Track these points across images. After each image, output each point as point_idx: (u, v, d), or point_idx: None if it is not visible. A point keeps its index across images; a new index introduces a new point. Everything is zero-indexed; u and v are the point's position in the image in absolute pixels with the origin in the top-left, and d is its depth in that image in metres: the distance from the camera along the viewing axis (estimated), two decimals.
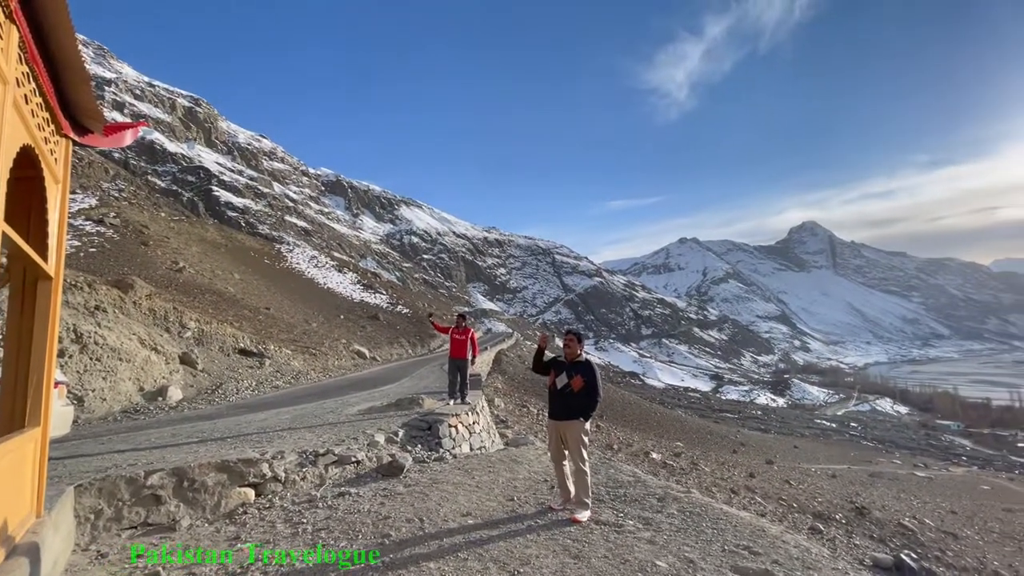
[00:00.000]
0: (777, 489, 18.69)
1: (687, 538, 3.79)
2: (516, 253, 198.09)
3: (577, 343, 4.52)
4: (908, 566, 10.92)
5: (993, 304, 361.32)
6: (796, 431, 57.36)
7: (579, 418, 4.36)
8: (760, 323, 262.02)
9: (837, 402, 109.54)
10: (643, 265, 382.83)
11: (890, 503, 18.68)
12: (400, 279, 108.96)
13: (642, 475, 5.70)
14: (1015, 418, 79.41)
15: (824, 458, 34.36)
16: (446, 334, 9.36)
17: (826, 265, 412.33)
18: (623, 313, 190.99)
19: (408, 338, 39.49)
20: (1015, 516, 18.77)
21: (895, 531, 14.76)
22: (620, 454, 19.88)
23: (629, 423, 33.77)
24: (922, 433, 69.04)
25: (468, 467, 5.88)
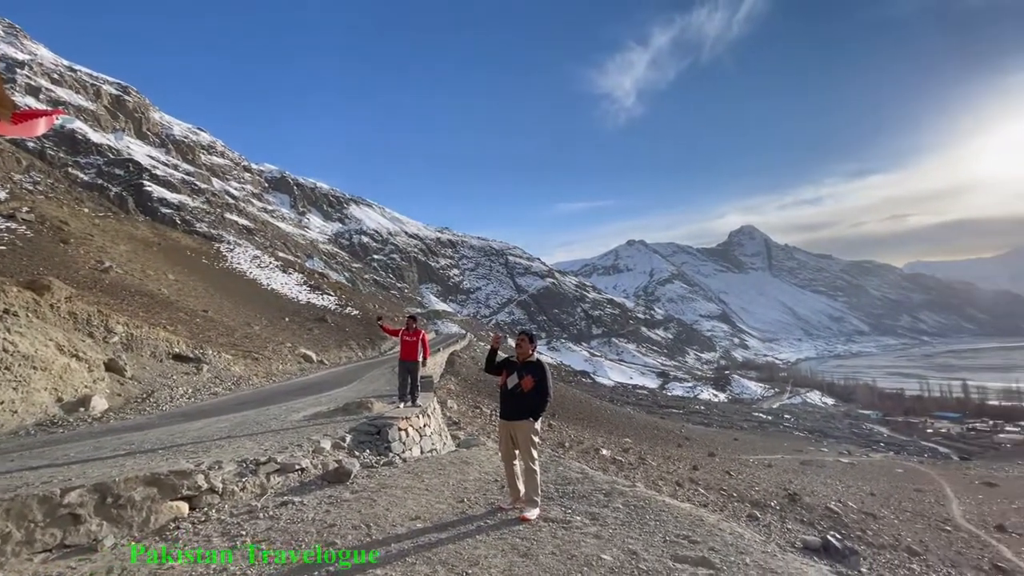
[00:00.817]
0: (718, 480, 19.63)
1: (631, 531, 3.93)
2: (469, 254, 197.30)
3: (528, 343, 4.56)
4: (833, 546, 11.76)
5: (905, 303, 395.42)
6: (736, 424, 60.44)
7: (529, 418, 4.39)
8: (703, 322, 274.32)
9: (772, 396, 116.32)
10: (594, 266, 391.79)
11: (818, 489, 20.05)
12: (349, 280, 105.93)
13: (590, 472, 5.85)
14: (924, 406, 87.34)
15: (761, 449, 36.38)
16: (396, 336, 9.22)
17: (762, 267, 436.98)
18: (575, 313, 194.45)
19: (358, 341, 38.46)
20: (924, 496, 20.63)
21: (823, 514, 15.85)
22: (571, 452, 20.24)
23: (580, 421, 34.43)
24: (846, 422, 74.50)
25: (418, 470, 5.82)
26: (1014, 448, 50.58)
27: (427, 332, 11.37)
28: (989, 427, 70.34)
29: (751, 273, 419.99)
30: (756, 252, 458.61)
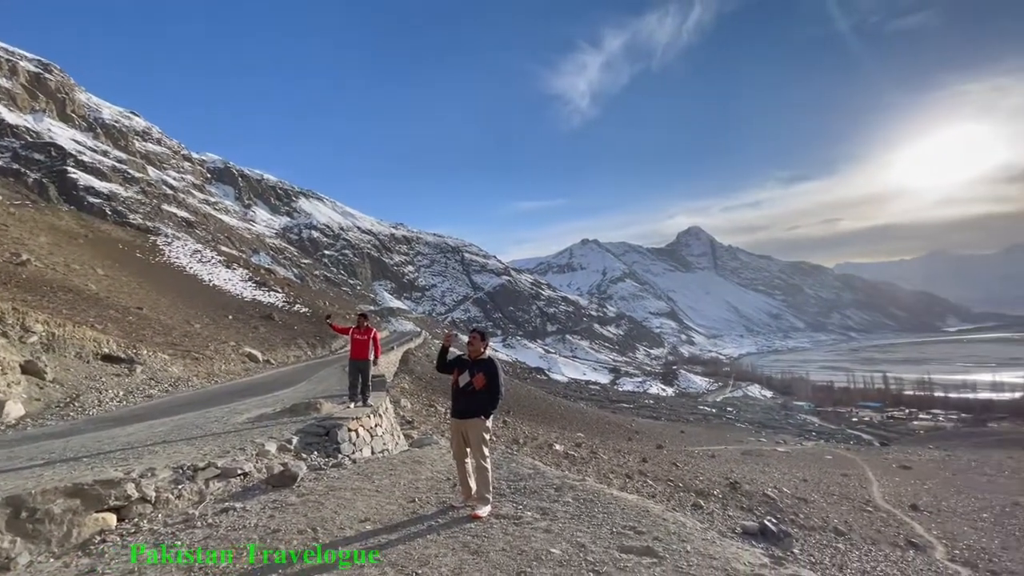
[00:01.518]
0: (666, 471, 20.39)
1: (580, 524, 4.03)
2: (424, 251, 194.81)
3: (481, 341, 4.54)
4: (770, 530, 12.50)
5: (835, 301, 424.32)
6: (683, 417, 62.92)
7: (480, 416, 4.38)
8: (652, 319, 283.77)
9: (716, 389, 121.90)
10: (548, 264, 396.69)
11: (757, 477, 21.20)
12: (298, 276, 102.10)
13: (542, 467, 5.94)
14: (850, 397, 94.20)
15: (706, 440, 38.05)
16: (347, 335, 9.00)
17: (708, 266, 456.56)
18: (530, 311, 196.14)
19: (307, 339, 37.17)
20: (849, 480, 22.26)
21: (761, 500, 16.79)
22: (525, 448, 20.45)
23: (535, 417, 34.81)
24: (783, 414, 79.19)
25: (368, 471, 5.71)
26: (926, 434, 55.45)
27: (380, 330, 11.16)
28: (905, 415, 76.78)
29: (697, 272, 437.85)
30: (702, 252, 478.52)
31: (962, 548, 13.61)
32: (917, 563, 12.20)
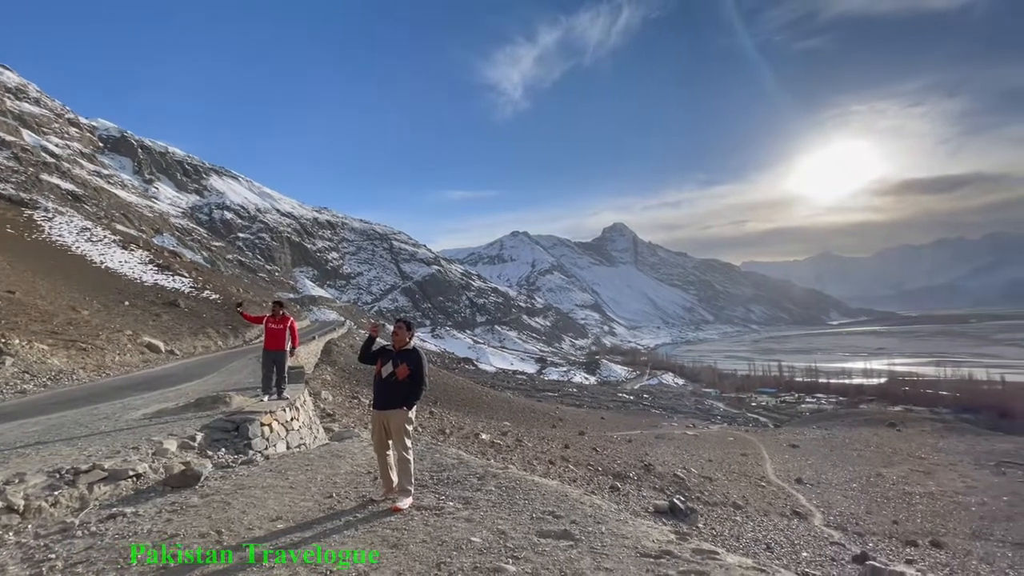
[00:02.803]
0: (587, 456, 21.27)
1: (501, 512, 4.10)
2: (350, 237, 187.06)
3: (406, 331, 4.47)
4: (678, 507, 13.47)
5: (741, 297, 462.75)
6: (604, 404, 65.83)
7: (403, 407, 4.31)
8: (578, 311, 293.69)
9: (635, 378, 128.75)
10: (479, 255, 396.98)
11: (669, 459, 22.72)
12: (208, 260, 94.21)
13: (466, 457, 5.96)
14: (750, 383, 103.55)
15: (624, 426, 40.10)
16: (260, 324, 8.46)
17: (630, 261, 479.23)
18: (460, 301, 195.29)
19: (217, 328, 34.46)
20: (747, 459, 24.50)
21: (671, 481, 18.03)
22: (452, 438, 20.42)
23: (462, 407, 34.84)
24: (693, 400, 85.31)
25: (282, 468, 5.43)
26: (811, 415, 62.25)
27: (299, 319, 10.57)
28: (795, 399, 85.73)
29: (620, 267, 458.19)
30: (625, 248, 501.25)
31: (835, 514, 15.49)
32: (800, 529, 13.71)
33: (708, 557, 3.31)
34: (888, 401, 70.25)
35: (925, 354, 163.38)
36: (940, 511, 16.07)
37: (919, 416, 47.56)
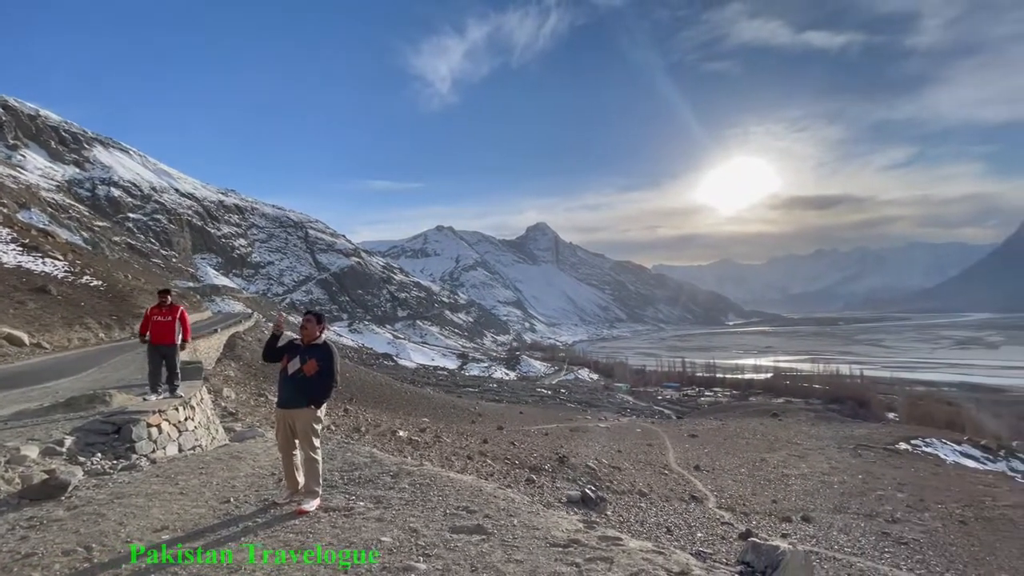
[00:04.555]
0: (504, 450, 21.58)
1: (414, 509, 4.04)
2: (261, 223, 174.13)
3: (316, 324, 4.21)
4: (589, 497, 14.09)
5: (651, 297, 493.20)
6: (522, 399, 67.15)
7: (311, 405, 4.08)
8: (500, 307, 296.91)
9: (553, 373, 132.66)
10: (402, 248, 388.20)
11: (582, 450, 23.69)
12: (90, 242, 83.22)
13: (379, 455, 5.80)
14: (657, 378, 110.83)
15: (541, 420, 41.18)
16: None
17: (552, 261, 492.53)
18: (380, 295, 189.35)
19: (100, 318, 30.58)
20: (652, 448, 26.21)
21: (584, 471, 18.81)
22: (367, 435, 19.78)
23: (379, 404, 33.88)
24: (606, 394, 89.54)
25: (172, 472, 4.95)
26: (709, 407, 67.91)
27: (200, 311, 9.64)
28: (696, 392, 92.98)
29: (542, 265, 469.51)
30: (547, 247, 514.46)
31: (726, 497, 17.03)
32: (696, 512, 14.91)
33: (612, 543, 3.49)
34: (773, 394, 78.50)
35: (803, 352, 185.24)
36: (810, 490, 18.24)
37: (796, 407, 53.74)
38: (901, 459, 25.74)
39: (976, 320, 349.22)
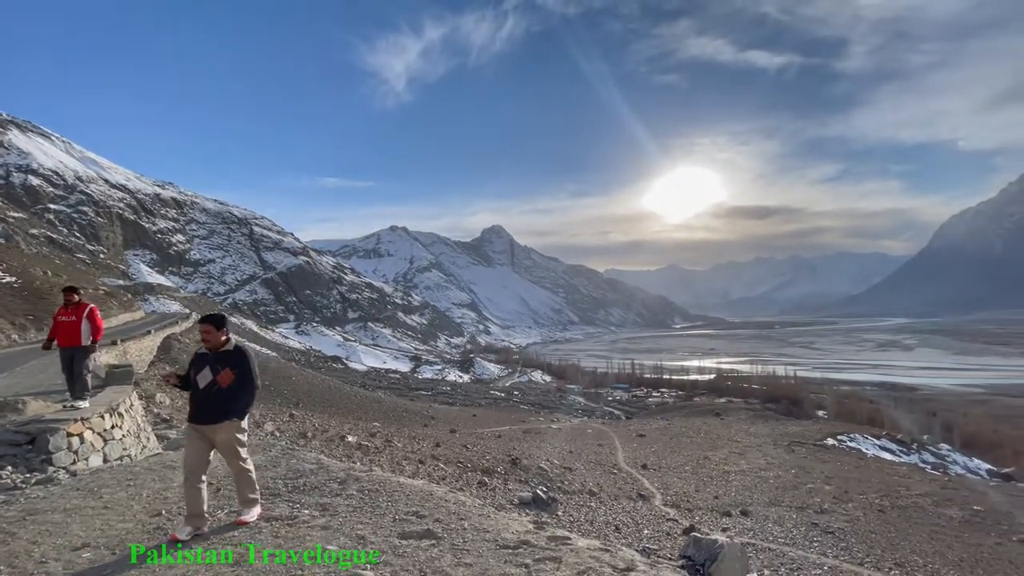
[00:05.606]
0: (457, 454, 21.41)
1: (362, 516, 3.95)
2: (202, 219, 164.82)
3: (217, 330, 3.78)
4: (540, 498, 14.22)
5: (603, 300, 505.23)
6: (476, 402, 66.95)
7: (233, 418, 3.72)
8: (455, 309, 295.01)
9: (507, 375, 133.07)
10: (354, 248, 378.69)
11: (534, 452, 23.88)
12: (3, 234, 75.88)
13: (327, 461, 5.63)
14: (608, 380, 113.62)
15: (494, 422, 41.20)
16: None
17: (507, 263, 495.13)
18: (330, 296, 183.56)
19: (13, 318, 27.89)
20: (603, 448, 26.80)
21: (536, 473, 18.97)
22: (315, 441, 19.10)
23: (327, 408, 32.82)
24: (558, 395, 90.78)
25: (95, 485, 4.60)
26: (657, 408, 70.28)
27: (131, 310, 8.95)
28: (644, 393, 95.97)
29: (497, 268, 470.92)
30: (502, 250, 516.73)
31: (672, 494, 17.66)
32: (643, 510, 15.36)
33: (561, 543, 3.55)
34: (715, 394, 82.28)
35: (744, 354, 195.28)
36: (748, 485, 19.21)
37: (737, 407, 56.57)
38: (829, 454, 27.60)
39: (894, 325, 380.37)
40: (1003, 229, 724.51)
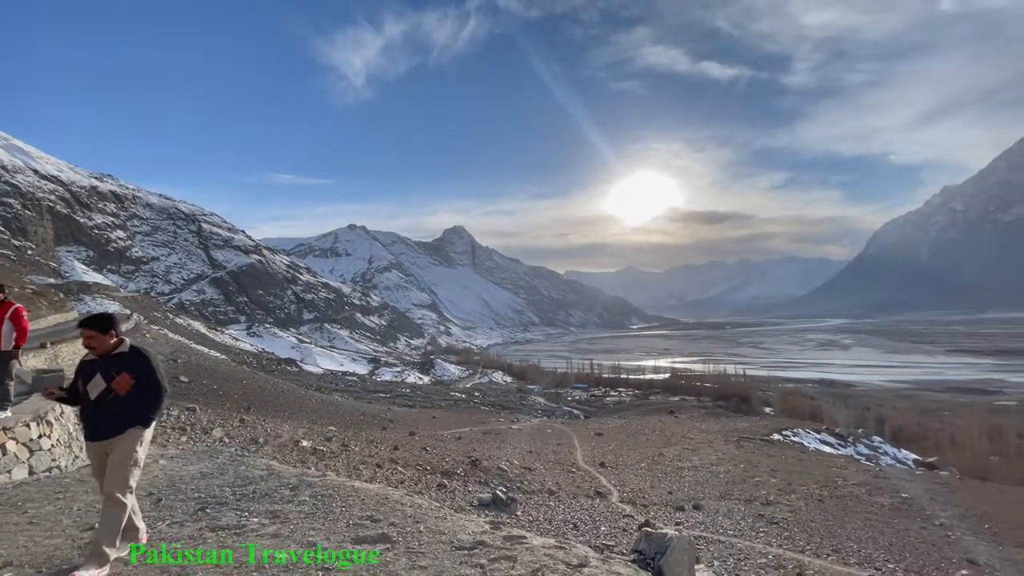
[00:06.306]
0: (416, 456, 21.12)
1: (315, 522, 3.86)
2: (145, 214, 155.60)
3: (104, 334, 3.26)
4: (500, 498, 14.23)
5: (563, 301, 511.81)
6: (436, 404, 66.28)
7: (137, 425, 3.23)
8: (415, 310, 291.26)
9: (467, 376, 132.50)
10: (310, 247, 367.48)
11: (494, 452, 23.86)
12: None
13: (278, 467, 5.46)
14: (568, 380, 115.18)
15: (454, 424, 40.89)
16: None
17: (468, 264, 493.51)
18: (284, 296, 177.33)
19: None
20: (562, 448, 27.11)
21: (496, 474, 18.96)
22: (267, 447, 18.37)
23: (281, 413, 31.63)
24: (519, 396, 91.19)
25: (20, 499, 4.28)
26: (615, 407, 71.78)
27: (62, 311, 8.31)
28: (602, 392, 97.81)
29: (458, 269, 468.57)
30: (464, 251, 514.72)
31: (628, 491, 18.09)
32: (600, 507, 15.66)
33: (517, 542, 3.59)
34: (670, 393, 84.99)
35: (697, 353, 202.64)
36: (701, 480, 19.92)
37: (691, 404, 58.62)
38: (775, 448, 28.98)
39: (834, 325, 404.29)
40: (928, 237, 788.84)
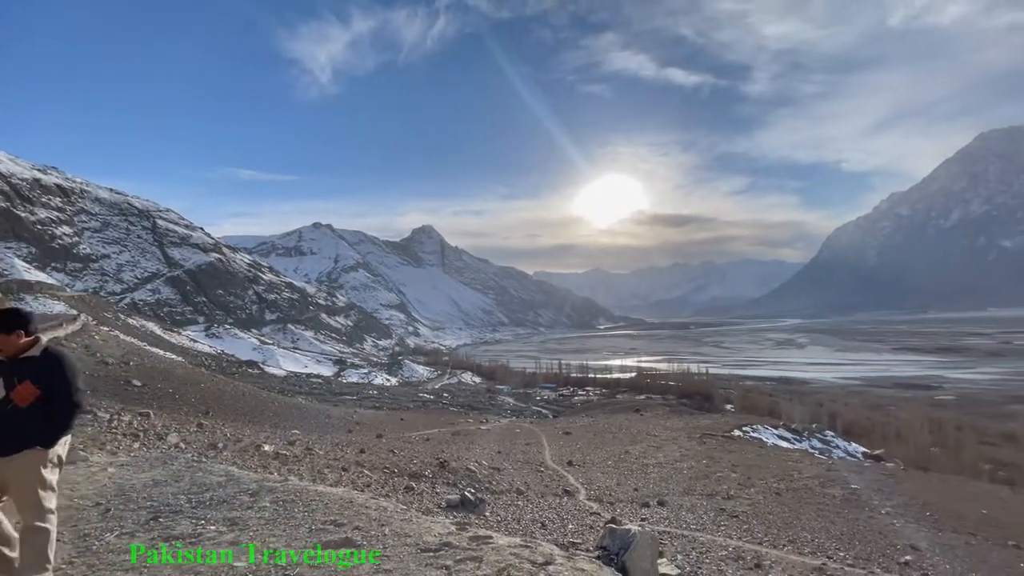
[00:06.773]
0: (383, 459, 20.79)
1: (276, 528, 3.76)
2: (94, 209, 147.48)
3: (8, 334, 2.74)
4: (468, 499, 14.18)
5: (532, 302, 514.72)
6: (404, 405, 65.42)
7: (36, 446, 2.69)
8: (383, 311, 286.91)
9: (436, 377, 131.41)
10: (273, 245, 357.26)
11: (463, 453, 23.77)
12: None
13: (236, 472, 5.29)
14: (536, 380, 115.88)
15: (422, 425, 40.49)
16: None
17: (437, 264, 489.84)
18: (245, 296, 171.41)
19: None
20: (531, 447, 27.25)
21: (465, 475, 18.89)
22: (226, 452, 17.71)
23: (241, 417, 30.59)
24: (488, 396, 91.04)
25: None
26: (582, 406, 72.70)
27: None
28: (571, 392, 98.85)
29: (427, 269, 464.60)
30: (433, 251, 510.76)
31: (595, 489, 18.34)
32: (568, 505, 15.81)
33: (483, 542, 3.60)
34: (636, 391, 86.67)
35: (662, 353, 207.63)
36: (665, 476, 20.40)
37: (656, 403, 59.95)
38: (735, 444, 29.98)
39: (790, 325, 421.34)
40: (876, 241, 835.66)
